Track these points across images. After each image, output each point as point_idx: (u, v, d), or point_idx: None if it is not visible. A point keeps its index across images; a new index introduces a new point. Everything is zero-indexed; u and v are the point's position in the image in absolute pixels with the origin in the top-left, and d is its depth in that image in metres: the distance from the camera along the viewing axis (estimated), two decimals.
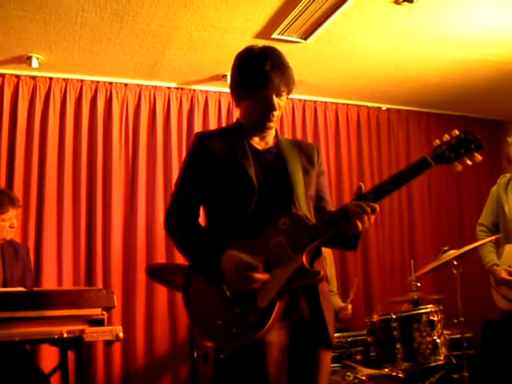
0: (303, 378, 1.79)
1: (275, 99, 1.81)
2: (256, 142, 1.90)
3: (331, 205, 2.00)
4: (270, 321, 1.63)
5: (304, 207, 1.80)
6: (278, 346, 1.69)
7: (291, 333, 1.75)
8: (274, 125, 1.88)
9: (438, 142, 1.69)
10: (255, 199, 1.76)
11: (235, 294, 1.69)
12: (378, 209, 1.67)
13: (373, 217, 1.67)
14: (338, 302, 3.97)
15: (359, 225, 1.66)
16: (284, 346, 1.72)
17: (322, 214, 1.87)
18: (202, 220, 1.90)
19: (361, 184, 1.74)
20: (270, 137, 1.93)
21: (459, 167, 1.67)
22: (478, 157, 1.65)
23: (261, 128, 1.88)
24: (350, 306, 3.82)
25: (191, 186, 1.86)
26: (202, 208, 1.92)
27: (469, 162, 1.66)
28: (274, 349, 1.68)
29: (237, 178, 1.79)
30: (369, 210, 1.65)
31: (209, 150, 1.84)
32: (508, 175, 3.70)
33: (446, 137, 1.68)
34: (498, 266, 3.50)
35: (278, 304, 1.65)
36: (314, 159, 1.95)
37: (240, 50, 1.91)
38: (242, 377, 1.71)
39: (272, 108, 1.81)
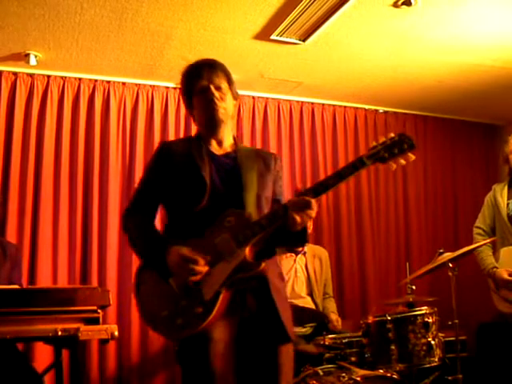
0: (265, 376, 1.83)
1: (213, 90, 1.92)
2: (214, 147, 1.99)
3: None
4: (214, 311, 1.71)
5: (252, 208, 1.88)
6: (223, 342, 1.76)
7: (242, 330, 1.81)
8: (223, 118, 1.96)
9: (374, 143, 1.79)
10: (207, 197, 1.85)
11: (183, 288, 1.76)
12: (313, 203, 1.74)
13: (309, 211, 1.74)
14: (333, 306, 3.94)
15: (297, 218, 1.73)
16: (229, 342, 1.79)
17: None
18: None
19: (299, 186, 1.85)
20: (227, 143, 2.03)
21: (394, 166, 1.78)
22: (411, 156, 1.75)
23: (212, 124, 1.97)
24: (339, 321, 3.76)
25: (149, 187, 1.98)
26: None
27: (402, 162, 1.76)
28: (218, 345, 1.75)
29: (190, 178, 1.89)
30: (302, 203, 1.74)
31: (169, 155, 1.95)
32: (502, 183, 3.73)
33: (382, 138, 1.78)
34: (497, 268, 3.48)
35: (221, 296, 1.73)
36: (271, 166, 2.03)
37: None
38: (192, 372, 1.79)
39: (211, 95, 1.92)
